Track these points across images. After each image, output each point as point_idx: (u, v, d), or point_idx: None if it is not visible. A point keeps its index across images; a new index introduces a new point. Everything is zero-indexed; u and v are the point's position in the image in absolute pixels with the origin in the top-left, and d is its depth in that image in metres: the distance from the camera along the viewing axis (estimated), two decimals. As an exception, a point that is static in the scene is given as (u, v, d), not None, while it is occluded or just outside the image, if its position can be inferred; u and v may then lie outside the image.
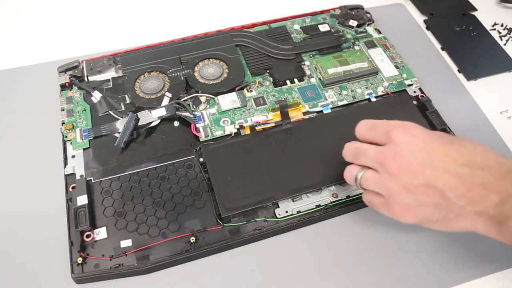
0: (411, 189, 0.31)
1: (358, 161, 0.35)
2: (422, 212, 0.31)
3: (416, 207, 0.31)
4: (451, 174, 0.30)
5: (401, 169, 0.31)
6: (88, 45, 0.56)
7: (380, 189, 0.33)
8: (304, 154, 0.43)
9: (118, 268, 0.37)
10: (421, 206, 0.31)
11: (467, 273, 0.38)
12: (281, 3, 0.63)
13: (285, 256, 0.39)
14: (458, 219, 0.30)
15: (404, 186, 0.31)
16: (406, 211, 0.32)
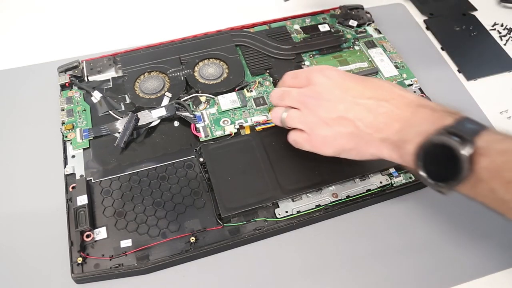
0: (328, 122, 0.35)
1: (283, 102, 0.39)
2: (338, 142, 0.35)
3: (333, 138, 0.35)
4: (360, 106, 0.34)
5: (319, 105, 0.35)
6: (88, 45, 0.56)
7: (302, 125, 0.37)
8: (304, 154, 0.43)
9: (118, 268, 0.37)
10: (337, 136, 0.35)
11: (467, 273, 0.38)
12: (281, 3, 0.63)
13: (285, 256, 0.39)
14: (367, 146, 0.34)
15: (322, 119, 0.35)
16: (325, 142, 0.36)
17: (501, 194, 0.27)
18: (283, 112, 0.38)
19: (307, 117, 0.36)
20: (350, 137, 0.35)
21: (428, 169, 0.30)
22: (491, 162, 0.27)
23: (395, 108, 0.33)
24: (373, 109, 0.33)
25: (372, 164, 0.42)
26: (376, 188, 0.42)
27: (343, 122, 0.34)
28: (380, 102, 0.34)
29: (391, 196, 0.42)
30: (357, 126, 0.34)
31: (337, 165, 0.42)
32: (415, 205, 0.42)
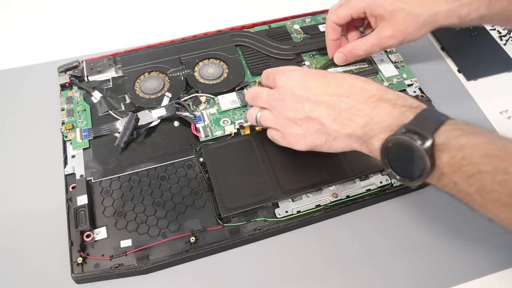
0: (297, 122, 0.37)
1: (257, 103, 0.40)
2: (309, 139, 0.37)
3: (304, 136, 0.37)
4: (323, 104, 0.35)
5: (286, 107, 0.37)
6: (88, 45, 0.56)
7: (275, 125, 0.39)
8: (304, 154, 0.43)
9: (118, 268, 0.37)
10: (307, 134, 0.37)
11: (467, 273, 0.38)
12: (281, 3, 0.63)
13: (285, 256, 0.39)
14: (336, 141, 0.36)
15: (291, 120, 0.37)
16: (297, 140, 0.38)
17: (463, 187, 0.28)
18: (257, 113, 0.40)
19: (277, 118, 0.38)
20: (319, 134, 0.36)
21: (394, 165, 0.31)
22: (452, 158, 0.28)
23: (357, 103, 0.34)
24: (336, 106, 0.35)
25: (372, 164, 0.42)
26: (376, 188, 0.42)
27: (310, 121, 0.36)
28: (342, 98, 0.35)
29: (391, 196, 0.42)
30: (323, 124, 0.35)
31: (337, 165, 0.42)
32: (415, 205, 0.42)
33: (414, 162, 0.29)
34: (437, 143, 0.28)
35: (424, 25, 0.43)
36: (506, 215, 0.27)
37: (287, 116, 0.37)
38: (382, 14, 0.43)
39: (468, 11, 0.41)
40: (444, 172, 0.29)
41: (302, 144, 0.38)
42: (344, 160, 0.42)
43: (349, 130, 0.34)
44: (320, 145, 0.37)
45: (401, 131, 0.30)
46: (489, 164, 0.27)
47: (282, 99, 0.37)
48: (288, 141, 0.39)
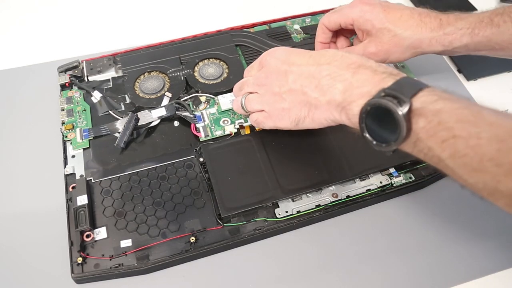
0: (282, 95, 0.37)
1: (243, 91, 0.41)
2: (294, 112, 0.37)
3: (289, 109, 0.37)
4: (305, 74, 0.36)
5: (271, 83, 0.38)
6: (88, 45, 0.56)
7: (261, 104, 0.39)
8: (304, 154, 0.43)
9: (118, 268, 0.37)
10: (292, 107, 0.37)
11: (467, 273, 0.38)
12: (281, 3, 0.63)
13: (285, 256, 0.39)
14: (318, 111, 0.36)
15: (277, 94, 0.38)
16: (283, 115, 0.38)
17: (437, 152, 0.28)
18: (241, 98, 0.41)
19: (264, 96, 0.39)
20: (302, 105, 0.36)
21: (371, 130, 0.31)
22: (428, 123, 0.28)
23: (337, 69, 0.34)
24: (316, 73, 0.35)
25: (372, 164, 0.42)
26: (376, 188, 0.42)
27: (294, 92, 0.37)
28: (322, 66, 0.35)
29: (391, 196, 0.42)
30: (305, 93, 0.36)
31: (337, 165, 0.42)
32: (415, 205, 0.42)
33: (391, 126, 0.29)
34: (414, 108, 0.29)
35: (408, 49, 0.43)
36: (476, 180, 0.27)
37: (272, 91, 0.38)
38: (369, 30, 0.43)
39: (451, 39, 0.41)
40: (419, 137, 0.29)
41: (287, 119, 0.38)
42: (344, 160, 0.42)
43: (329, 97, 0.34)
44: (303, 117, 0.37)
45: (380, 95, 0.30)
46: (463, 129, 0.27)
47: (267, 76, 0.38)
48: (273, 118, 0.39)
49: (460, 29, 0.41)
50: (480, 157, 0.26)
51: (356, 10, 0.43)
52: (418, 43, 0.42)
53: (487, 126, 0.27)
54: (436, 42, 0.41)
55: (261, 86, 0.39)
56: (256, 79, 0.40)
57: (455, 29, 0.41)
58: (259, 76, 0.40)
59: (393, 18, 0.42)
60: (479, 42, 0.41)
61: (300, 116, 0.37)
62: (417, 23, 0.41)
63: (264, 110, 0.40)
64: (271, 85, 0.38)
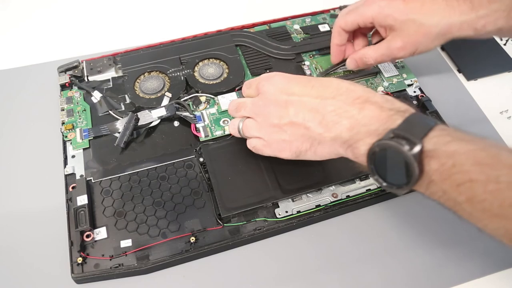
0: (282, 127, 0.35)
1: (240, 113, 0.40)
2: (295, 145, 0.36)
3: (290, 142, 0.36)
4: (308, 107, 0.34)
5: (269, 113, 0.36)
6: (88, 45, 0.56)
7: (259, 132, 0.38)
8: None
9: (118, 268, 0.37)
10: (292, 139, 0.35)
11: (467, 273, 0.38)
12: (281, 3, 0.63)
13: (285, 256, 0.39)
14: (321, 146, 0.34)
15: (276, 126, 0.36)
16: (283, 147, 0.36)
17: (453, 196, 0.27)
18: (239, 123, 0.39)
19: (261, 125, 0.37)
20: (304, 139, 0.35)
21: (381, 171, 0.30)
22: (441, 165, 0.27)
23: (343, 104, 0.33)
24: (321, 108, 0.33)
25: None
26: (376, 188, 0.42)
27: (295, 126, 0.35)
28: (327, 100, 0.33)
29: (391, 196, 0.42)
30: (307, 128, 0.34)
31: (337, 165, 0.42)
32: (415, 205, 0.42)
33: (402, 169, 0.28)
34: (426, 149, 0.28)
35: (437, 37, 0.40)
36: (497, 226, 0.26)
37: (271, 123, 0.36)
38: (392, 25, 0.40)
39: (485, 23, 0.38)
40: (433, 180, 0.28)
41: (287, 151, 0.36)
42: (344, 160, 0.42)
43: (335, 134, 0.33)
44: (305, 151, 0.36)
45: (388, 136, 0.29)
46: (480, 172, 0.26)
47: (266, 105, 0.36)
48: (273, 148, 0.37)
49: (496, 11, 0.38)
50: (500, 202, 0.25)
51: (375, 7, 0.40)
52: (447, 29, 0.39)
53: (506, 169, 0.26)
54: (468, 26, 0.38)
55: (258, 115, 0.37)
56: (253, 106, 0.38)
57: (489, 11, 0.38)
58: (257, 103, 0.37)
59: (415, 7, 0.39)
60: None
61: (301, 149, 0.36)
62: (442, 7, 0.38)
63: (263, 139, 0.38)
64: (269, 115, 0.36)
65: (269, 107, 0.36)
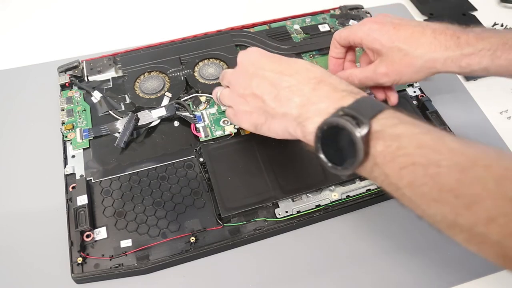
0: (245, 98, 0.37)
1: (222, 82, 0.41)
2: (253, 117, 0.36)
3: (250, 113, 0.37)
4: (268, 81, 0.35)
5: (238, 83, 0.37)
6: (88, 45, 0.56)
7: (230, 101, 0.39)
8: (304, 154, 0.43)
9: (118, 268, 0.37)
10: (253, 111, 0.36)
11: (467, 273, 0.38)
12: (281, 3, 0.63)
13: (285, 256, 0.39)
14: (274, 121, 0.35)
15: (242, 96, 0.37)
16: (245, 118, 0.37)
17: (394, 180, 0.27)
18: (218, 91, 0.41)
19: (232, 94, 0.39)
20: (260, 112, 0.36)
21: (326, 150, 0.30)
22: (386, 147, 0.27)
23: (297, 82, 0.33)
24: (277, 83, 0.34)
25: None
26: (376, 188, 0.42)
27: (255, 98, 0.36)
28: (285, 77, 0.34)
29: (391, 196, 0.42)
30: (264, 100, 0.35)
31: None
32: (415, 205, 0.42)
33: (348, 148, 0.28)
34: (373, 130, 0.27)
35: (421, 69, 0.39)
36: (434, 212, 0.26)
37: (238, 93, 0.37)
38: (379, 50, 0.40)
39: (469, 61, 0.37)
40: (377, 163, 0.27)
41: (247, 122, 0.37)
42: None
43: (285, 109, 0.33)
44: (261, 124, 0.36)
45: (338, 114, 0.29)
46: (422, 155, 0.26)
47: (237, 75, 0.38)
48: (238, 118, 0.38)
49: (480, 50, 0.36)
50: (440, 187, 0.25)
51: (365, 28, 0.40)
52: (431, 63, 0.38)
53: (448, 153, 0.25)
54: (452, 62, 0.37)
55: (232, 85, 0.39)
56: (230, 76, 0.39)
57: (475, 50, 0.36)
58: (232, 73, 0.39)
59: (403, 36, 0.38)
60: (501, 65, 0.36)
61: (258, 122, 0.36)
62: (430, 40, 0.38)
63: (233, 108, 0.39)
64: (238, 85, 0.37)
65: (239, 78, 0.37)
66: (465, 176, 0.24)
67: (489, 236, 0.23)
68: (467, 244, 0.25)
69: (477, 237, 0.24)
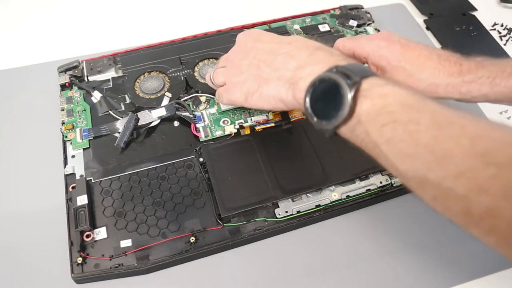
0: (241, 69, 0.38)
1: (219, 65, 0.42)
2: (246, 86, 0.37)
3: (243, 83, 0.38)
4: (265, 50, 0.36)
5: (235, 56, 0.39)
6: (88, 45, 0.56)
7: (224, 77, 0.40)
8: (304, 154, 0.43)
9: (118, 268, 0.37)
10: (246, 80, 0.37)
11: (467, 273, 0.38)
12: (281, 3, 0.63)
13: (285, 256, 0.39)
14: (267, 86, 0.35)
15: (237, 67, 0.38)
16: (236, 89, 0.38)
17: (374, 137, 0.28)
18: (212, 72, 0.42)
19: (227, 70, 0.40)
20: (254, 79, 0.37)
21: (315, 106, 0.30)
22: (372, 105, 0.28)
23: (296, 49, 0.34)
24: (275, 50, 0.35)
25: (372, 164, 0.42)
26: (376, 188, 0.42)
27: (251, 67, 0.37)
28: (283, 45, 0.35)
29: (391, 196, 0.42)
30: (259, 67, 0.36)
31: (337, 165, 0.42)
32: (415, 205, 0.42)
33: (336, 102, 0.29)
34: (362, 88, 0.28)
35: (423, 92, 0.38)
36: (407, 167, 0.26)
37: (234, 65, 0.38)
38: (384, 67, 0.40)
39: (470, 88, 0.38)
40: (360, 120, 0.28)
41: (238, 92, 0.38)
42: (344, 160, 0.42)
43: (281, 72, 0.34)
44: (252, 93, 0.37)
45: (331, 71, 0.30)
46: (404, 113, 0.27)
47: (234, 51, 0.39)
48: (228, 90, 0.39)
49: (480, 77, 0.37)
50: (416, 143, 0.25)
51: (373, 44, 0.40)
52: (433, 88, 0.38)
53: (429, 112, 0.26)
54: (453, 88, 0.38)
55: (228, 60, 0.40)
56: (227, 55, 0.41)
57: (475, 77, 0.37)
58: (230, 51, 0.40)
59: (410, 57, 0.39)
60: (500, 92, 0.37)
61: (250, 90, 0.37)
62: (435, 65, 0.38)
63: (225, 83, 0.40)
64: (234, 58, 0.39)
65: (237, 53, 0.39)
66: (441, 133, 0.25)
67: (456, 190, 0.24)
68: (434, 202, 0.26)
69: (444, 192, 0.25)
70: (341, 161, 0.42)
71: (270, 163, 0.42)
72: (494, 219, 0.23)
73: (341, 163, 0.42)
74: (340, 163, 0.42)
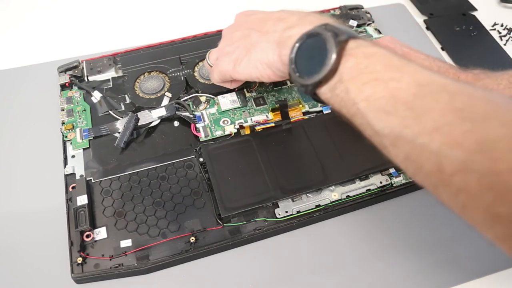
0: (232, 40, 0.38)
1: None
2: (235, 54, 0.38)
3: (233, 52, 0.38)
4: (258, 19, 0.37)
5: (231, 30, 0.39)
6: (88, 45, 0.56)
7: (217, 53, 0.41)
8: (304, 154, 0.43)
9: (118, 268, 0.37)
10: (235, 49, 0.38)
11: (467, 273, 0.38)
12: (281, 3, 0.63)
13: (285, 256, 0.39)
14: (255, 50, 0.35)
15: (229, 39, 0.39)
16: (226, 59, 0.38)
17: (353, 95, 0.27)
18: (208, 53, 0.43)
19: (220, 42, 0.41)
20: (243, 46, 0.37)
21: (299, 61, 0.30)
22: (356, 64, 0.28)
23: (287, 14, 0.34)
24: (266, 18, 0.36)
25: (372, 164, 0.42)
26: (376, 188, 0.42)
27: (242, 36, 0.37)
28: (275, 13, 0.36)
29: (391, 196, 0.42)
30: (249, 35, 0.36)
31: (337, 165, 0.42)
32: (415, 205, 0.42)
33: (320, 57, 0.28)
34: (348, 47, 0.28)
35: None
36: (383, 125, 0.26)
37: (227, 37, 0.39)
38: None
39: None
40: (342, 78, 0.28)
41: (226, 61, 0.38)
42: (344, 160, 0.42)
43: (269, 36, 0.34)
44: (241, 59, 0.37)
45: (320, 27, 0.30)
46: (386, 72, 0.26)
47: (230, 28, 0.40)
48: (219, 64, 0.39)
49: None
50: (396, 99, 0.25)
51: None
52: None
53: (411, 72, 0.26)
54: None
55: (224, 35, 0.40)
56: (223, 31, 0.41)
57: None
58: (225, 28, 0.41)
59: None
60: None
61: (238, 57, 0.37)
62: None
63: (217, 59, 0.40)
64: (228, 32, 0.39)
65: (230, 27, 0.40)
66: (421, 90, 0.25)
67: (430, 145, 0.23)
68: (406, 161, 0.25)
69: (418, 148, 0.24)
70: (341, 161, 0.42)
71: (270, 163, 0.42)
72: (465, 175, 0.22)
73: (341, 163, 0.42)
74: (340, 163, 0.42)
